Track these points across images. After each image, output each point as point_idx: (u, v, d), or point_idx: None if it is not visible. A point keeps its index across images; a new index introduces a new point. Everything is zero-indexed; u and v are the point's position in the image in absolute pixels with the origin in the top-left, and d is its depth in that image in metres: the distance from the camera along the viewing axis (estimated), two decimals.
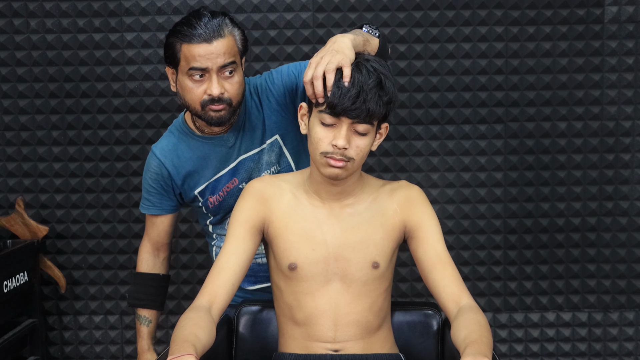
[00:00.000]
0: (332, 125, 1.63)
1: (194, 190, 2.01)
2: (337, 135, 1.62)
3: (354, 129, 1.63)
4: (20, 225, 2.82)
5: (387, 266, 1.77)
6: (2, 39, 2.82)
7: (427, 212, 1.78)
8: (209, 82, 1.83)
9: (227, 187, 2.01)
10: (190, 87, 1.85)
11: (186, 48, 1.82)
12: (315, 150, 1.66)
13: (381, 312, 1.79)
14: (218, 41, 1.81)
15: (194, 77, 1.83)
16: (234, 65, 1.85)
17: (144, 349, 2.16)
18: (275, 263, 1.79)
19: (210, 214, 2.06)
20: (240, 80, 1.88)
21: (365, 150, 1.66)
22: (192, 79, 1.84)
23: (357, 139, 1.64)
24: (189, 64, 1.83)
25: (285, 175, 1.85)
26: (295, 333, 1.78)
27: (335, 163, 1.64)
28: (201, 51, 1.81)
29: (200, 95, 1.84)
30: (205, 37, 1.81)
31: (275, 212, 1.77)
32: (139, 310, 2.15)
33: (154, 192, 2.03)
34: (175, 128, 2.04)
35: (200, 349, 1.49)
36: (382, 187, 1.81)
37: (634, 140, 2.86)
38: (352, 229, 1.75)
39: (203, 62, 1.81)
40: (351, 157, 1.64)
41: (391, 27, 2.81)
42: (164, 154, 2.00)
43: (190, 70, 1.83)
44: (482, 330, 1.55)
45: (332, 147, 1.63)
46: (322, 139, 1.64)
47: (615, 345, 2.93)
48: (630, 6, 2.80)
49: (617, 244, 2.89)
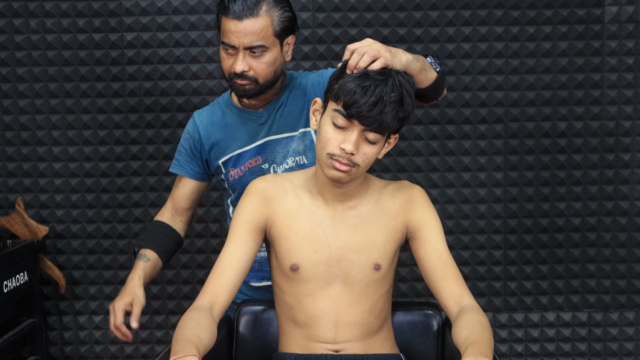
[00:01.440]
0: (343, 128, 1.62)
1: (219, 159, 2.02)
2: (347, 139, 1.61)
3: (364, 136, 1.62)
4: (20, 225, 2.82)
5: (389, 268, 1.77)
6: (2, 39, 2.82)
7: (429, 212, 1.78)
8: (235, 58, 1.85)
9: (249, 164, 2.00)
10: (223, 57, 1.88)
11: (223, 20, 1.84)
12: (322, 150, 1.65)
13: (382, 314, 1.79)
14: (249, 20, 1.80)
15: (227, 49, 1.86)
16: (263, 48, 1.84)
17: (135, 282, 1.90)
18: (277, 263, 1.79)
19: (230, 189, 2.05)
20: (270, 60, 1.87)
21: (372, 158, 1.65)
22: (225, 51, 1.87)
23: (365, 146, 1.63)
24: (222, 37, 1.86)
25: (288, 174, 1.84)
26: (296, 333, 1.77)
27: (340, 167, 1.63)
28: (232, 27, 1.82)
29: (228, 67, 1.86)
30: (237, 14, 1.81)
31: (279, 212, 1.76)
32: (141, 250, 1.99)
33: (183, 152, 2.04)
34: (221, 97, 2.07)
35: (202, 349, 1.49)
36: (384, 187, 1.80)
37: (634, 140, 2.86)
38: (355, 230, 1.74)
39: (232, 39, 1.82)
40: (357, 163, 1.64)
41: (391, 27, 2.81)
42: (200, 118, 2.02)
43: (222, 43, 1.86)
44: (484, 330, 1.55)
45: (340, 150, 1.62)
46: (331, 140, 1.63)
47: (615, 345, 2.93)
48: (630, 6, 2.80)
49: (617, 244, 2.89)
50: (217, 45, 2.82)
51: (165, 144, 2.87)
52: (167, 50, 2.83)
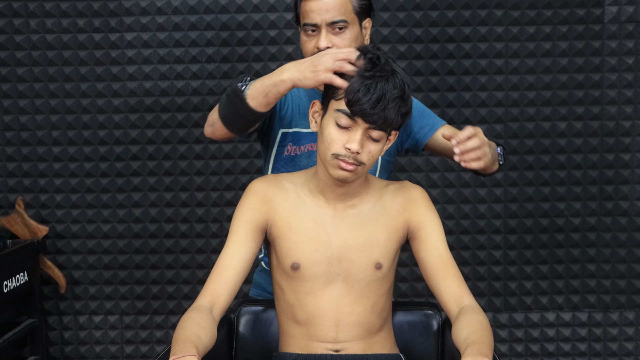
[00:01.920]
0: (347, 128, 1.62)
1: (283, 127, 2.02)
2: (352, 138, 1.61)
3: (368, 134, 1.62)
4: (20, 225, 2.82)
5: (390, 267, 1.77)
6: (2, 39, 2.82)
7: (430, 212, 1.78)
8: (318, 37, 1.88)
9: (310, 146, 1.99)
10: (304, 40, 1.92)
11: (302, 4, 1.89)
12: (327, 151, 1.65)
13: (383, 313, 1.79)
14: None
15: (307, 32, 1.89)
16: (345, 23, 1.88)
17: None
18: (277, 262, 1.79)
19: (279, 162, 2.04)
20: (353, 37, 1.90)
21: (376, 156, 1.66)
22: (306, 34, 1.90)
23: (370, 145, 1.64)
24: (303, 20, 1.90)
25: (289, 175, 1.84)
26: (296, 333, 1.77)
27: (346, 166, 1.63)
28: (313, 6, 1.87)
29: (312, 49, 1.88)
30: None
31: (279, 212, 1.76)
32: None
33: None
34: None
35: (202, 349, 1.49)
36: (385, 187, 1.81)
37: (634, 140, 2.86)
38: (356, 229, 1.74)
39: (313, 18, 1.86)
40: (362, 161, 1.64)
41: (391, 27, 2.81)
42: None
43: (304, 25, 1.90)
44: (483, 330, 1.55)
45: (345, 150, 1.62)
46: (336, 140, 1.63)
47: (615, 345, 2.93)
48: (630, 6, 2.80)
49: (617, 244, 2.89)
50: (216, 45, 2.81)
51: (166, 144, 2.87)
52: (167, 50, 2.83)
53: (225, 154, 2.86)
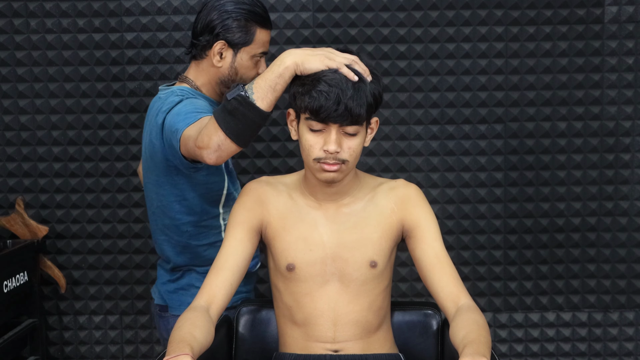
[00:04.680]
0: (321, 131, 1.63)
1: None
2: (328, 140, 1.62)
3: (343, 131, 1.63)
4: (20, 225, 2.82)
5: (386, 265, 1.77)
6: (2, 39, 2.82)
7: (425, 211, 1.78)
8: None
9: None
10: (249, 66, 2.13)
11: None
12: (308, 157, 1.66)
13: (381, 312, 1.79)
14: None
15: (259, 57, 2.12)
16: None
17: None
18: (273, 264, 1.79)
19: (232, 174, 2.09)
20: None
21: (358, 150, 1.67)
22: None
23: (348, 141, 1.64)
24: (259, 49, 2.09)
25: (282, 177, 1.86)
26: (295, 333, 1.78)
27: (329, 167, 1.64)
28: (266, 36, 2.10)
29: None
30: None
31: (273, 214, 1.77)
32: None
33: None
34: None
35: (198, 348, 1.49)
36: (379, 185, 1.81)
37: (634, 140, 2.86)
38: (349, 228, 1.75)
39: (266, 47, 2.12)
40: (345, 159, 1.65)
41: (391, 27, 2.81)
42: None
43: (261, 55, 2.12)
44: (481, 329, 1.55)
45: (324, 153, 1.63)
46: (313, 146, 1.64)
47: (615, 345, 2.93)
48: (630, 6, 2.80)
49: (617, 244, 2.89)
50: None
51: None
52: (167, 50, 2.83)
53: None
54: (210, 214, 2.07)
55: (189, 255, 2.09)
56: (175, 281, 2.12)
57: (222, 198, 2.08)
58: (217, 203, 2.07)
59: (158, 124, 1.95)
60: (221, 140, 1.68)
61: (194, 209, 2.04)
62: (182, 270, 2.11)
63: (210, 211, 2.07)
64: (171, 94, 2.02)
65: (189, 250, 2.08)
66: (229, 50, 2.03)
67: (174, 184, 2.01)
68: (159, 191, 2.04)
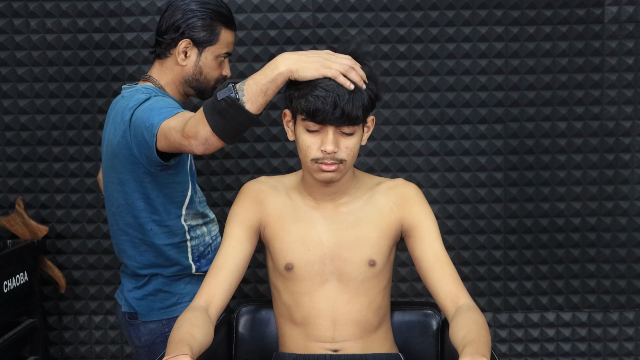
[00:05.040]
0: (318, 131, 1.64)
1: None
2: (325, 140, 1.63)
3: (340, 130, 1.63)
4: (20, 225, 2.82)
5: (385, 264, 1.77)
6: (2, 39, 2.82)
7: (424, 210, 1.79)
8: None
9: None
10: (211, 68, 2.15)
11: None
12: (306, 158, 1.66)
13: (380, 311, 1.79)
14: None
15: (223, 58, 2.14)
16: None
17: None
18: (272, 264, 1.80)
19: (190, 175, 2.08)
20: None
21: (355, 149, 1.67)
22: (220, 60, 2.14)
23: (345, 140, 1.65)
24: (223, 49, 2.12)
25: (281, 177, 1.86)
26: (294, 333, 1.78)
27: (327, 168, 1.65)
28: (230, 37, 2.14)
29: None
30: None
31: (271, 213, 1.78)
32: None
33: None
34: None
35: (197, 348, 1.49)
36: (378, 185, 1.81)
37: (634, 140, 2.86)
38: (347, 228, 1.75)
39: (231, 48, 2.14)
40: (342, 158, 1.65)
41: (391, 27, 2.81)
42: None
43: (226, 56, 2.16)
44: (480, 329, 1.55)
45: (322, 153, 1.64)
46: (311, 146, 1.65)
47: (615, 345, 2.93)
48: (630, 6, 2.80)
49: (617, 244, 2.89)
50: None
51: None
52: None
53: (225, 154, 2.86)
54: (173, 215, 2.05)
55: (153, 254, 2.05)
56: (141, 287, 2.09)
57: (185, 199, 2.06)
58: (180, 204, 2.05)
59: (124, 120, 1.94)
60: (208, 134, 1.69)
61: (157, 208, 2.02)
62: (148, 276, 2.08)
63: (172, 211, 2.04)
64: (136, 92, 2.01)
65: (152, 248, 2.05)
66: (193, 49, 2.04)
67: (139, 181, 1.99)
68: (123, 189, 2.02)
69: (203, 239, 2.11)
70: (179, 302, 2.07)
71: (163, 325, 2.07)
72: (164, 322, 2.06)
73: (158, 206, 2.02)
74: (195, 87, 2.10)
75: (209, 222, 2.17)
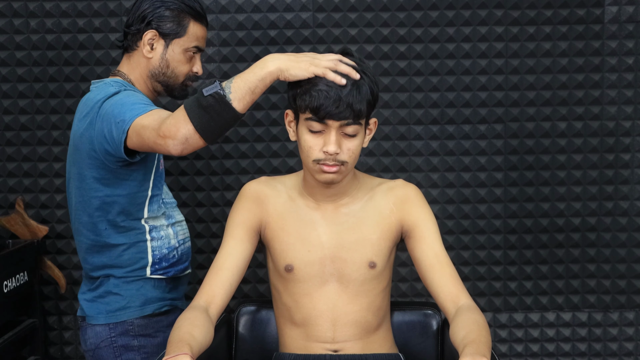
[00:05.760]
0: (320, 132, 1.63)
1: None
2: (327, 141, 1.62)
3: (342, 132, 1.63)
4: (20, 225, 2.82)
5: (385, 265, 1.77)
6: (2, 39, 2.82)
7: (424, 211, 1.79)
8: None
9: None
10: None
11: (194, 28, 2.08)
12: (307, 158, 1.66)
13: (380, 312, 1.79)
14: None
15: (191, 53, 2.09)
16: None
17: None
18: (272, 265, 1.80)
19: (157, 178, 2.04)
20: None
21: (357, 151, 1.67)
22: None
23: (347, 142, 1.65)
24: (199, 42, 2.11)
25: (281, 177, 1.86)
26: (294, 334, 1.78)
27: (329, 169, 1.65)
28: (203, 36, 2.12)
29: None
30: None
31: (272, 214, 1.77)
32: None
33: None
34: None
35: (197, 347, 1.49)
36: (378, 186, 1.81)
37: (634, 140, 2.86)
38: (347, 229, 1.75)
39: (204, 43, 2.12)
40: (344, 160, 1.65)
41: (391, 27, 2.81)
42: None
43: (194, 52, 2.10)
44: (481, 329, 1.55)
45: (324, 154, 1.63)
46: (313, 147, 1.64)
47: (615, 345, 2.93)
48: (630, 6, 2.80)
49: (617, 244, 2.89)
50: (216, 44, 2.82)
51: None
52: None
53: (225, 154, 2.86)
54: (132, 215, 1.99)
55: (106, 255, 1.99)
56: (93, 290, 2.03)
57: (146, 199, 2.00)
58: (141, 204, 1.99)
59: (91, 113, 1.89)
60: (190, 133, 1.66)
61: (113, 207, 1.96)
62: (100, 278, 2.02)
63: (131, 211, 1.98)
64: (105, 86, 1.97)
65: (106, 249, 1.99)
66: (160, 40, 2.00)
67: (97, 178, 1.93)
68: (81, 185, 1.96)
69: (168, 241, 2.04)
70: (127, 307, 1.99)
71: (110, 329, 1.99)
72: (111, 326, 1.99)
73: (115, 205, 1.95)
74: (163, 82, 2.05)
75: (175, 223, 2.09)
